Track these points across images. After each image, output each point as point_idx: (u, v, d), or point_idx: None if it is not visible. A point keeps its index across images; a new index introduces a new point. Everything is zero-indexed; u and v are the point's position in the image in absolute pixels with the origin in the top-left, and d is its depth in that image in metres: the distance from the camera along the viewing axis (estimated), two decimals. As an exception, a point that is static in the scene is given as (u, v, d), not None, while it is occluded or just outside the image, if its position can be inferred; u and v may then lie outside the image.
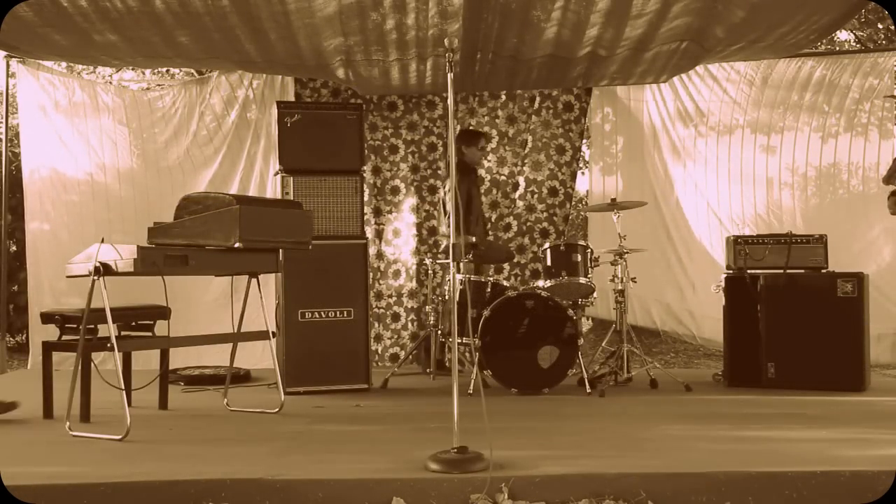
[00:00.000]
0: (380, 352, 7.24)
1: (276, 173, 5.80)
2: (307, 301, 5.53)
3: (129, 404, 4.25)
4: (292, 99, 7.18)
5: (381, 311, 7.26)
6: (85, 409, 4.44)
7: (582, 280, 5.66)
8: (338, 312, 5.58)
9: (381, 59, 6.26)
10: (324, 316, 5.56)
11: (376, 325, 7.23)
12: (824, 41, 8.64)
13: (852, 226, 6.96)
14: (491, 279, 5.85)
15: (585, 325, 5.98)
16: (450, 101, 3.52)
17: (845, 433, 4.11)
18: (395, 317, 7.26)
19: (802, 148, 7.27)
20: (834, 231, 5.95)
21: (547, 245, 5.83)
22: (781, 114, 7.27)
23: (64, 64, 8.15)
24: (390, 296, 7.28)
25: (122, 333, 4.69)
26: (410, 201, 7.27)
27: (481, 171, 7.27)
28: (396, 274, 7.28)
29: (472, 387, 5.17)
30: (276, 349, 4.98)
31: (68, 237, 6.95)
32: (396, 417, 4.80)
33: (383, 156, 7.30)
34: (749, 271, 5.72)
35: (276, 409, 4.76)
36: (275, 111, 5.89)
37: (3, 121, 7.66)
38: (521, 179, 7.28)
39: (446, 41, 3.52)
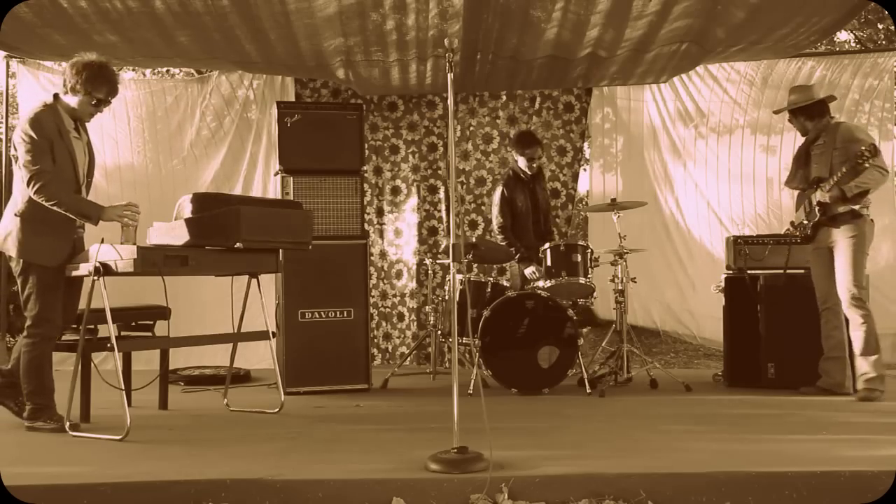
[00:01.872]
0: (390, 350, 7.25)
1: (277, 173, 5.80)
2: (307, 301, 5.54)
3: (129, 404, 4.25)
4: (292, 99, 7.18)
5: (388, 310, 7.27)
6: (85, 409, 4.44)
7: (582, 280, 5.66)
8: (338, 312, 5.59)
9: (381, 59, 6.26)
10: (324, 316, 5.56)
11: (384, 324, 7.23)
12: (824, 41, 8.63)
13: (852, 226, 6.95)
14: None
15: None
16: (450, 102, 3.52)
17: (845, 433, 4.10)
18: (401, 316, 7.26)
19: (802, 148, 7.26)
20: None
21: (547, 245, 5.82)
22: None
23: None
24: (394, 296, 7.28)
25: (122, 333, 4.69)
26: (412, 201, 7.27)
27: (482, 173, 7.27)
28: (399, 274, 7.29)
29: (472, 387, 5.17)
30: (276, 349, 4.98)
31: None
32: (396, 417, 4.80)
33: (384, 156, 7.30)
34: (749, 271, 5.73)
35: (276, 409, 4.76)
36: (275, 111, 5.89)
37: (3, 121, 7.66)
38: (522, 181, 7.27)
39: (446, 42, 3.53)
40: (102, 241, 4.15)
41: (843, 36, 11.65)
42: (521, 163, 6.19)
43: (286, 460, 3.56)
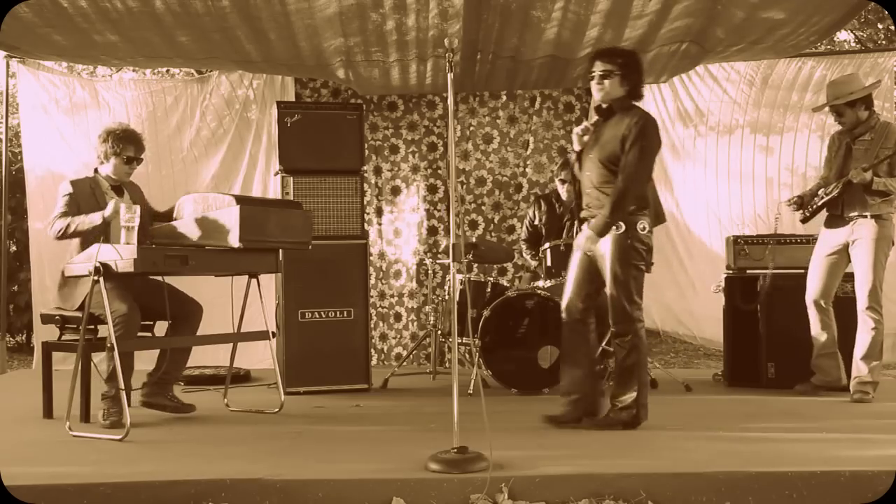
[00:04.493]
0: (385, 351, 7.25)
1: (276, 173, 5.80)
2: (307, 301, 5.53)
3: (129, 404, 4.25)
4: (292, 99, 7.18)
5: (385, 310, 7.26)
6: (85, 409, 4.44)
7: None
8: (338, 312, 5.59)
9: (381, 59, 6.26)
10: (324, 316, 5.56)
11: (381, 324, 7.23)
12: (824, 41, 8.63)
13: (852, 226, 6.95)
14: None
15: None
16: (450, 102, 3.52)
17: (845, 433, 4.10)
18: (398, 317, 7.26)
19: (802, 148, 7.26)
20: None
21: (547, 245, 5.82)
22: (781, 114, 7.27)
23: (64, 64, 8.16)
24: (392, 296, 7.28)
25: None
26: (411, 201, 7.27)
27: (482, 173, 7.27)
28: (398, 274, 7.29)
29: (472, 387, 5.17)
30: (276, 349, 4.99)
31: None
32: (396, 417, 4.80)
33: (384, 156, 7.30)
34: (749, 271, 5.73)
35: (276, 409, 4.77)
36: (275, 111, 5.89)
37: (3, 121, 7.67)
38: (523, 181, 7.27)
39: (446, 42, 3.53)
40: (102, 241, 4.16)
41: (843, 36, 11.66)
42: (557, 185, 6.17)
43: (286, 460, 3.56)
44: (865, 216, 5.03)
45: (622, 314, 4.14)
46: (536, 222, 6.20)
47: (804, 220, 5.39)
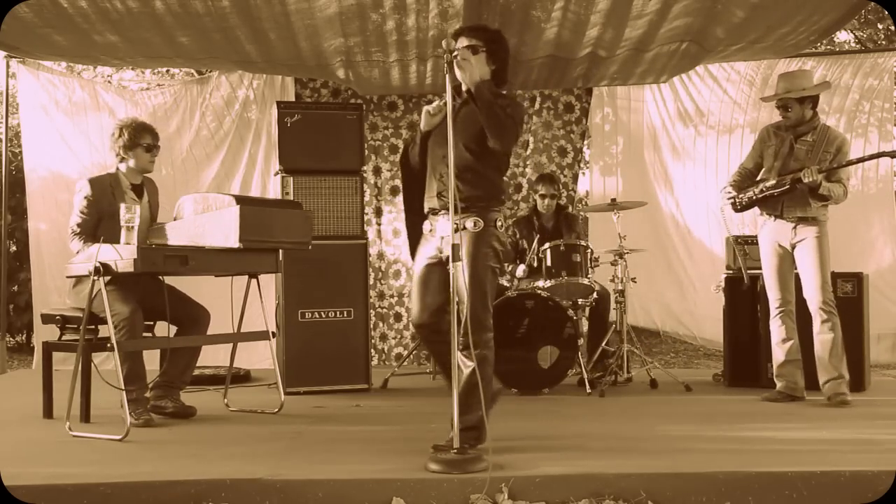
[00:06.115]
0: (386, 351, 7.25)
1: (276, 173, 5.80)
2: (307, 301, 5.53)
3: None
4: (292, 99, 7.17)
5: (384, 311, 7.26)
6: (85, 409, 4.44)
7: (582, 280, 5.65)
8: (338, 312, 5.59)
9: (381, 59, 6.26)
10: (324, 316, 5.56)
11: (381, 324, 7.23)
12: (824, 41, 8.63)
13: (852, 226, 6.95)
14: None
15: (586, 325, 5.99)
16: (449, 101, 3.52)
17: (845, 433, 4.10)
18: (398, 317, 7.26)
19: (802, 148, 7.26)
20: (833, 231, 5.93)
21: (547, 245, 5.82)
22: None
23: (64, 64, 8.15)
24: (391, 296, 7.28)
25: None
26: (411, 201, 7.26)
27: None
28: (397, 274, 7.29)
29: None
30: (276, 349, 4.99)
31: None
32: (396, 417, 4.80)
33: (384, 156, 7.30)
34: (749, 271, 5.73)
35: (276, 409, 4.76)
36: (275, 111, 5.89)
37: (3, 121, 7.67)
38: (523, 181, 7.27)
39: (445, 42, 3.53)
40: (103, 241, 4.16)
41: (843, 36, 11.64)
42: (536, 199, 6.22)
43: (286, 460, 3.56)
44: (806, 219, 5.00)
45: (477, 323, 3.50)
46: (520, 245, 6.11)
47: (738, 210, 5.32)
